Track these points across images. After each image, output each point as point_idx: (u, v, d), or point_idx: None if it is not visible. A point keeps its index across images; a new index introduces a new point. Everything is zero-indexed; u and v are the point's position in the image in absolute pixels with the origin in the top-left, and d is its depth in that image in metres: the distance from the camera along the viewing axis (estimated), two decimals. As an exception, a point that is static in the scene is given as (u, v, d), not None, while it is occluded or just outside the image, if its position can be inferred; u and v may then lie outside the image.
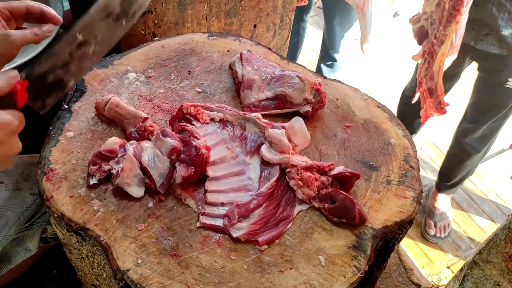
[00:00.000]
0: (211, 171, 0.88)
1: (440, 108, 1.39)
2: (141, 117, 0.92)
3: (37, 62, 0.72)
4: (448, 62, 1.38)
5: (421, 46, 1.43)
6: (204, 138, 0.90)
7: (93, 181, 0.85)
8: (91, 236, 0.79)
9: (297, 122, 0.92)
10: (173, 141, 0.86)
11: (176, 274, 0.76)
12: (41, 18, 0.83)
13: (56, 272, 1.16)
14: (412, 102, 1.65)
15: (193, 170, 0.84)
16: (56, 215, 0.81)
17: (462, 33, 1.29)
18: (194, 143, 0.86)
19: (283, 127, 0.90)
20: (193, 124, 0.93)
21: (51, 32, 0.82)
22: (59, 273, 1.16)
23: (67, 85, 0.77)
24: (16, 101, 0.69)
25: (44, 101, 0.74)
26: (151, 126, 0.92)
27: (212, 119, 0.96)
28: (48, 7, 0.83)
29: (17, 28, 0.84)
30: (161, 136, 0.87)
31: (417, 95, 1.52)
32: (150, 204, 0.85)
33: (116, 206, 0.83)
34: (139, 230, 0.81)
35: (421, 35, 1.42)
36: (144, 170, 0.85)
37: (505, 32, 1.61)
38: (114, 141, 0.88)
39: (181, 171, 0.84)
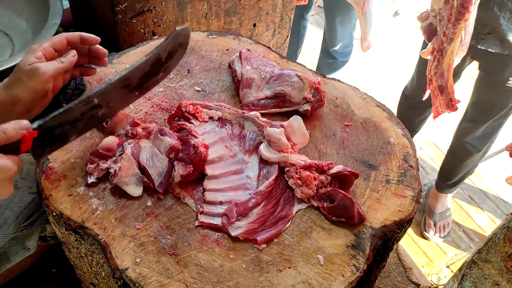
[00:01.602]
0: (209, 170, 0.88)
1: (452, 105, 1.39)
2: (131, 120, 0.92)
3: (51, 117, 0.75)
4: (457, 59, 1.38)
5: (430, 43, 1.43)
6: (202, 137, 0.90)
7: (91, 179, 0.85)
8: (90, 234, 0.79)
9: (296, 121, 0.92)
10: (171, 140, 0.86)
11: (175, 273, 0.76)
12: (81, 44, 0.89)
13: (55, 270, 1.16)
14: (424, 99, 1.65)
15: (192, 168, 0.84)
16: (54, 214, 0.81)
17: (471, 30, 1.29)
18: (192, 142, 0.85)
19: (282, 126, 0.90)
20: (192, 123, 0.93)
21: (76, 56, 0.87)
22: (58, 272, 1.16)
23: (69, 139, 0.81)
24: (19, 148, 0.71)
25: (43, 150, 0.78)
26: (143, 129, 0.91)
27: (211, 118, 0.96)
28: (85, 33, 0.89)
29: None
30: (159, 135, 0.87)
31: (428, 92, 1.51)
32: (149, 203, 0.84)
33: (114, 205, 0.83)
34: (138, 229, 0.81)
35: (430, 32, 1.42)
36: (142, 169, 0.85)
37: (507, 31, 1.61)
38: (111, 140, 0.88)
39: (180, 170, 0.84)
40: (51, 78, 0.83)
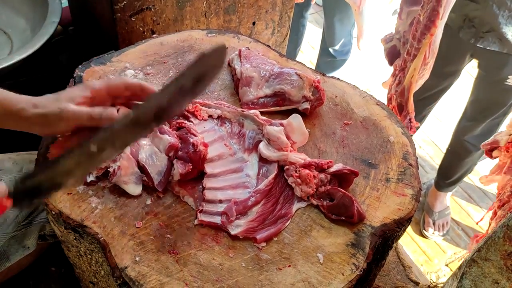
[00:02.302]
0: (209, 168, 0.87)
1: (410, 126, 1.36)
2: None
3: (39, 170, 0.69)
4: (419, 83, 1.36)
5: (390, 76, 1.42)
6: (201, 135, 0.90)
7: (90, 178, 0.85)
8: (89, 233, 0.79)
9: (295, 119, 0.91)
10: (170, 138, 0.86)
11: (174, 271, 0.76)
12: (140, 94, 0.86)
13: (54, 269, 1.16)
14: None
15: (191, 167, 0.84)
16: (53, 212, 0.81)
17: (436, 49, 1.27)
18: (191, 140, 0.85)
19: (281, 125, 0.90)
20: (191, 121, 0.93)
21: (111, 119, 0.82)
22: (57, 271, 1.16)
23: (65, 186, 0.71)
24: None
25: (31, 202, 0.71)
26: None
27: (210, 116, 0.96)
28: (145, 84, 0.86)
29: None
30: (158, 133, 0.87)
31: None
32: (148, 202, 0.84)
33: (114, 204, 0.83)
34: (137, 228, 0.81)
35: (393, 55, 1.41)
36: (141, 168, 0.85)
37: (505, 30, 1.61)
38: None
39: (179, 168, 0.84)
40: (72, 125, 0.82)
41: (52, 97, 0.82)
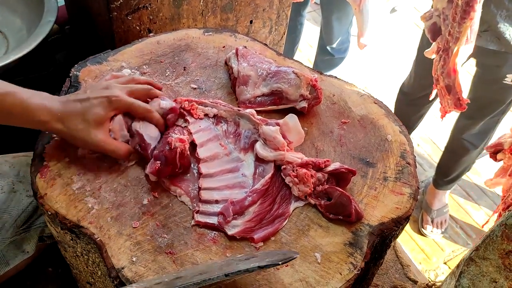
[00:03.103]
0: (204, 168, 0.87)
1: (460, 104, 1.38)
2: None
3: None
4: (463, 58, 1.37)
5: (434, 43, 1.42)
6: (197, 134, 0.89)
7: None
8: (86, 233, 0.78)
9: (291, 119, 0.91)
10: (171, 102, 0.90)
11: (171, 271, 0.75)
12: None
13: (51, 270, 1.16)
14: (430, 99, 1.64)
15: (158, 165, 0.83)
16: (50, 213, 0.81)
17: (476, 28, 1.28)
18: (168, 139, 0.85)
19: (277, 124, 0.89)
20: (187, 120, 0.92)
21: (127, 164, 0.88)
22: (54, 271, 1.16)
23: None
24: None
25: None
26: None
27: (206, 115, 0.95)
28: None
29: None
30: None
31: (434, 92, 1.50)
32: (145, 202, 0.84)
33: (110, 204, 0.83)
34: (134, 228, 0.80)
35: (434, 32, 1.41)
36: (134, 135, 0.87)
37: (503, 29, 1.61)
38: None
39: (149, 168, 0.84)
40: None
41: (80, 115, 0.82)
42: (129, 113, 0.88)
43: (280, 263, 0.68)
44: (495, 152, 1.14)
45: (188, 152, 0.87)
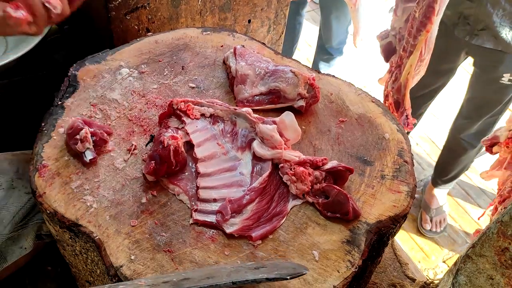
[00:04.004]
0: (202, 168, 0.87)
1: (407, 123, 1.37)
2: None
3: None
4: (415, 79, 1.36)
5: (385, 73, 1.42)
6: (193, 134, 0.90)
7: (89, 156, 0.86)
8: (84, 232, 0.79)
9: (288, 117, 0.91)
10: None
11: (170, 269, 0.76)
12: None
13: (50, 268, 1.16)
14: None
15: (153, 165, 0.83)
16: (48, 212, 0.81)
17: (431, 46, 1.27)
18: (160, 138, 0.85)
19: (274, 122, 0.90)
20: (183, 120, 0.93)
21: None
22: (54, 270, 1.16)
23: None
24: None
25: None
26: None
27: (203, 115, 0.95)
28: None
29: None
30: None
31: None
32: (144, 200, 0.84)
33: (109, 202, 0.83)
34: (133, 226, 0.80)
35: (389, 51, 1.41)
36: None
37: (500, 28, 1.62)
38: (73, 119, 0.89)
39: (143, 169, 0.84)
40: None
41: None
42: None
43: (288, 277, 0.68)
44: (491, 145, 1.15)
45: (183, 149, 0.87)
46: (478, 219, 1.35)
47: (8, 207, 0.97)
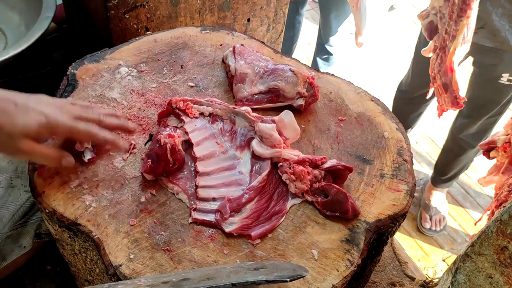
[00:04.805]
0: (201, 167, 0.87)
1: (457, 102, 1.38)
2: None
3: None
4: (460, 55, 1.37)
5: (431, 41, 1.42)
6: (192, 133, 0.89)
7: (88, 156, 0.86)
8: (83, 231, 0.79)
9: (287, 116, 0.91)
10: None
11: (169, 269, 0.76)
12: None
13: (49, 267, 1.16)
14: (427, 97, 1.64)
15: (150, 163, 0.83)
16: (47, 211, 0.81)
17: (473, 27, 1.28)
18: (157, 137, 0.85)
19: (273, 121, 0.90)
20: (182, 119, 0.93)
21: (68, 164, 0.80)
22: (53, 269, 1.16)
23: None
24: None
25: None
26: None
27: (202, 114, 0.95)
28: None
29: None
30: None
31: (431, 90, 1.51)
32: (143, 199, 0.84)
33: (108, 201, 0.83)
34: (132, 225, 0.80)
35: (431, 30, 1.41)
36: None
37: (499, 27, 1.62)
38: None
39: (141, 168, 0.84)
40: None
41: (8, 116, 0.70)
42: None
43: (288, 280, 0.68)
44: (488, 150, 1.14)
45: (180, 147, 0.87)
46: (475, 224, 1.35)
47: (7, 205, 0.97)
